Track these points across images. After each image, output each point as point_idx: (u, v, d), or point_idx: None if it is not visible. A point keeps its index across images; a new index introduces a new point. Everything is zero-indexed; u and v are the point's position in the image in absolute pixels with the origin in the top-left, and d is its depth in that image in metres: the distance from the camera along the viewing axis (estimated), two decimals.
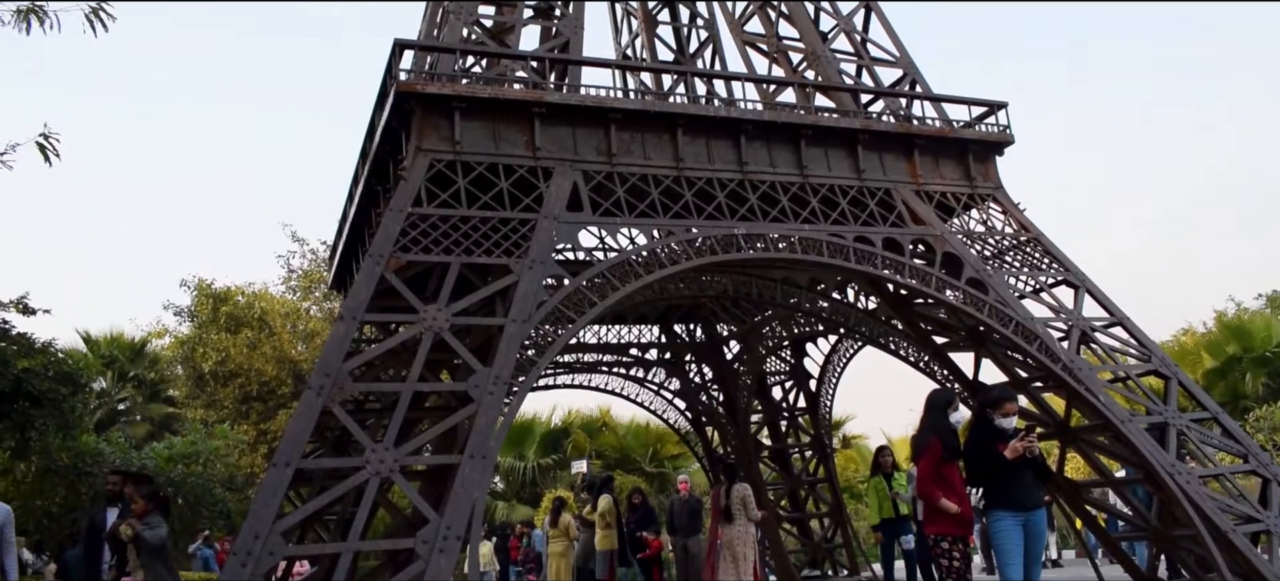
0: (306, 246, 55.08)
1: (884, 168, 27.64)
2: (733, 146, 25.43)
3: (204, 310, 51.00)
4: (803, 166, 26.01)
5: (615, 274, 22.06)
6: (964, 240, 27.45)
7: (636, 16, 40.82)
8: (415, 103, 22.70)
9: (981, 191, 29.04)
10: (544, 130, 23.56)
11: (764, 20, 32.73)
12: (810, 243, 24.40)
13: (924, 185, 27.97)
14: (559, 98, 23.77)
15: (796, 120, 26.45)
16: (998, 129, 29.70)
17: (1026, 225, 28.62)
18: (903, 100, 29.63)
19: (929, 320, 29.10)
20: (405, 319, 20.35)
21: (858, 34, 31.70)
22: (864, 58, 31.18)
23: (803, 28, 31.30)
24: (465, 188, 22.43)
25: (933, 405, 13.53)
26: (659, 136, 24.74)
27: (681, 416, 42.58)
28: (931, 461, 12.64)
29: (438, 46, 24.92)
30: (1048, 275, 27.86)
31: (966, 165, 29.06)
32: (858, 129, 27.06)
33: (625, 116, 24.32)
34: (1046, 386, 27.09)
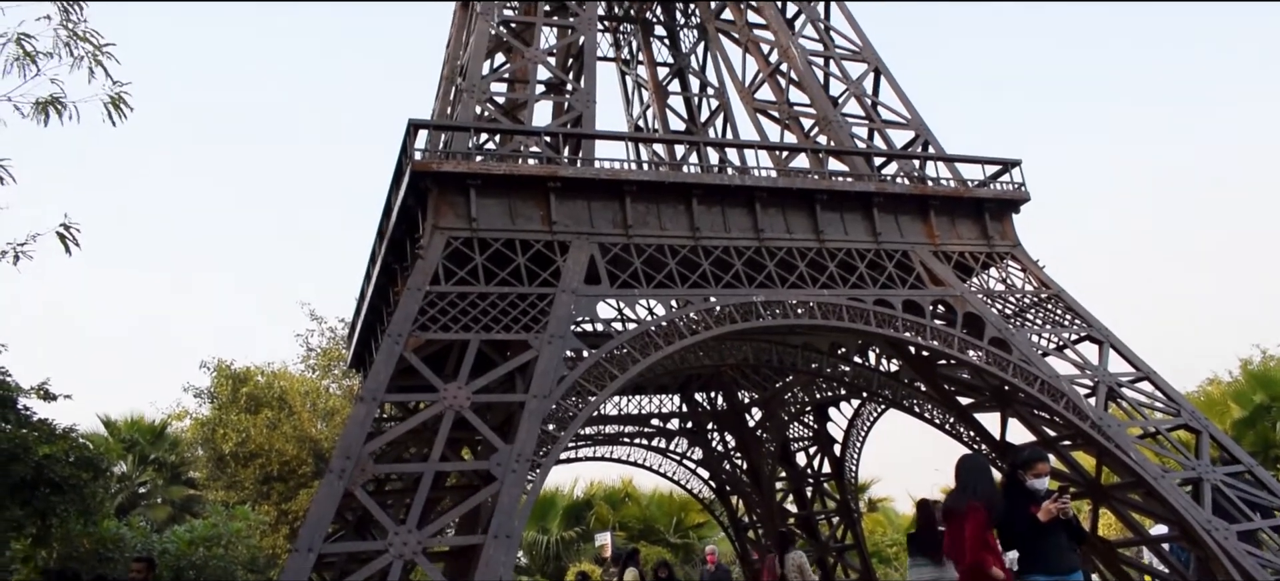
0: (325, 324, 55.20)
1: (901, 229, 27.58)
2: (748, 214, 25.45)
3: (224, 391, 51.01)
4: (819, 231, 25.98)
5: (635, 346, 21.97)
6: (985, 299, 27.28)
7: (647, 88, 41.22)
8: (431, 181, 22.84)
9: (999, 249, 28.92)
10: (560, 204, 23.65)
11: (774, 87, 32.96)
12: (829, 308, 24.29)
13: (941, 245, 27.88)
14: (573, 172, 23.90)
15: (811, 185, 26.47)
16: (1012, 187, 29.66)
17: (1047, 282, 28.44)
18: (916, 161, 29.66)
19: (953, 381, 28.84)
20: (425, 398, 20.26)
21: (868, 97, 31.86)
22: (875, 121, 31.30)
23: (813, 93, 31.47)
24: (483, 264, 22.47)
25: (973, 468, 13.20)
26: (674, 207, 24.80)
27: (705, 485, 42.17)
28: (978, 527, 12.31)
29: (452, 125, 25.17)
30: (1071, 331, 27.60)
31: (983, 224, 28.97)
32: (873, 192, 27.06)
33: (640, 188, 24.41)
34: (1076, 444, 26.72)
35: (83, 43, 11.33)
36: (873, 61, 32.38)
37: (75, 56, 11.35)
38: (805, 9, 33.58)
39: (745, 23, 34.28)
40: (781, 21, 33.11)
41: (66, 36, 11.19)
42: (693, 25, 40.77)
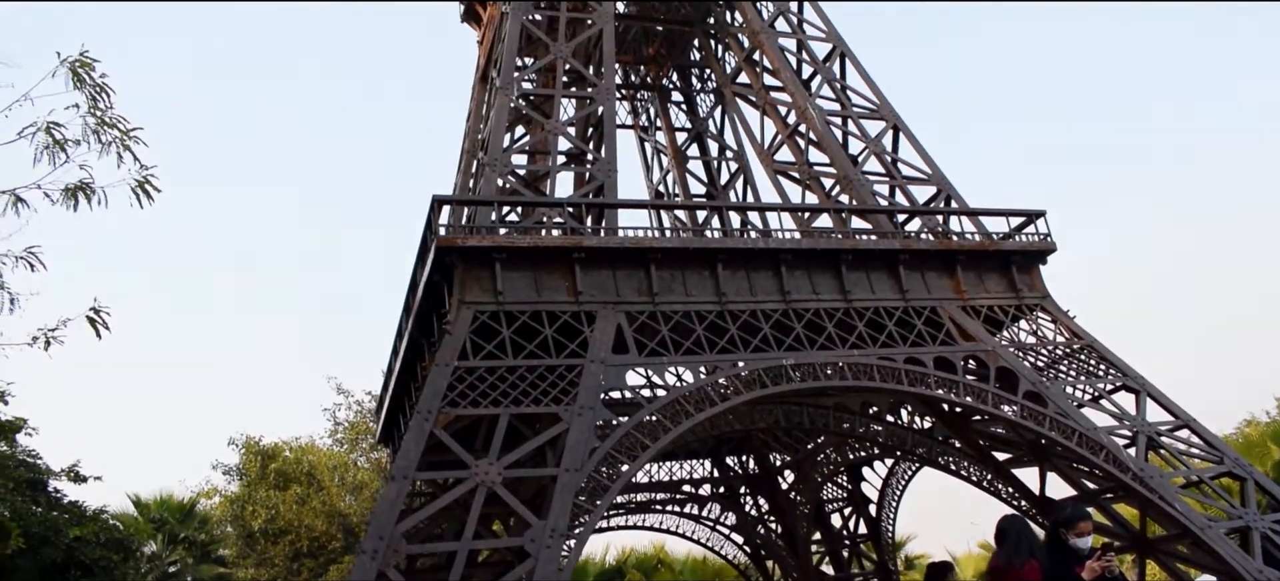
0: (351, 398, 55.23)
1: (928, 286, 27.42)
2: (774, 277, 25.38)
3: (252, 468, 50.99)
4: (846, 291, 25.86)
5: (666, 414, 21.82)
6: (1016, 353, 26.99)
7: (666, 153, 41.45)
8: (456, 256, 22.93)
9: (1028, 301, 28.68)
10: (585, 274, 23.66)
11: (794, 148, 33.04)
12: (860, 368, 24.10)
13: (970, 300, 27.67)
14: (598, 241, 23.94)
15: (836, 245, 26.40)
16: (1038, 238, 29.48)
17: (1078, 332, 28.13)
18: (940, 216, 29.57)
19: (988, 437, 28.46)
20: (457, 474, 20.13)
21: (888, 155, 31.90)
22: (896, 177, 31.29)
23: (833, 153, 31.52)
24: (510, 337, 22.45)
25: (1022, 526, 12.88)
26: (699, 272, 24.77)
27: (739, 550, 41.66)
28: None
29: (475, 200, 25.30)
30: (1106, 382, 27.24)
31: (1011, 276, 28.77)
32: (898, 249, 26.95)
33: (665, 255, 24.41)
34: (1118, 497, 26.24)
35: (110, 129, 11.47)
36: (891, 119, 32.45)
37: (103, 143, 11.48)
38: (821, 70, 33.77)
39: (762, 86, 34.49)
40: (798, 84, 33.29)
41: (95, 123, 11.34)
42: (709, 90, 41.10)
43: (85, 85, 10.91)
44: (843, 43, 34.43)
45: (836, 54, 34.31)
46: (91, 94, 11.10)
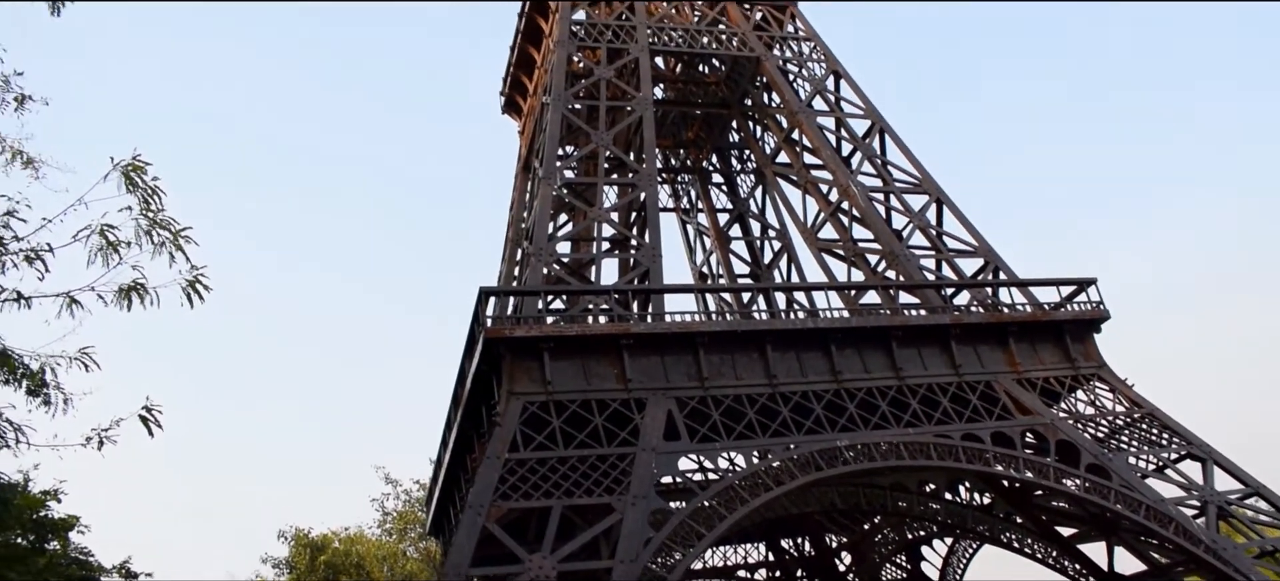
0: (400, 487, 55.10)
1: (981, 360, 27.00)
2: (824, 356, 25.11)
3: (301, 560, 50.81)
4: (898, 368, 25.51)
5: (720, 501, 21.52)
6: (1075, 424, 26.41)
7: (709, 234, 41.50)
8: (504, 347, 22.94)
9: (1085, 371, 28.15)
10: (633, 361, 23.55)
11: (837, 226, 32.93)
12: (917, 447, 23.67)
13: (1025, 373, 27.21)
14: (645, 328, 23.87)
15: (886, 322, 26.14)
16: (1090, 306, 29.03)
17: (1138, 401, 27.51)
18: (989, 289, 29.23)
19: (1051, 512, 27.75)
20: (510, 570, 19.87)
21: (932, 228, 31.69)
22: (942, 251, 31.05)
23: (877, 229, 31.37)
24: (560, 427, 22.32)
25: None
26: (749, 355, 24.57)
27: None
28: None
29: (522, 290, 25.38)
30: (1170, 451, 26.54)
31: (1065, 347, 28.28)
32: (949, 324, 26.62)
33: (713, 339, 24.27)
34: (1189, 570, 25.40)
35: (162, 230, 11.63)
36: (934, 192, 32.30)
37: (155, 243, 11.63)
38: (861, 147, 33.82)
39: (802, 165, 34.55)
40: (838, 161, 33.30)
41: (147, 225, 11.51)
42: (749, 171, 41.25)
43: (137, 188, 11.10)
44: (881, 118, 34.48)
45: (876, 130, 34.35)
46: (143, 196, 11.29)
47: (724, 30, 37.66)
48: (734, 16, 37.93)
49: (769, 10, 38.70)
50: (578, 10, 36.27)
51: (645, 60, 34.04)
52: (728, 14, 38.09)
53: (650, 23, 36.17)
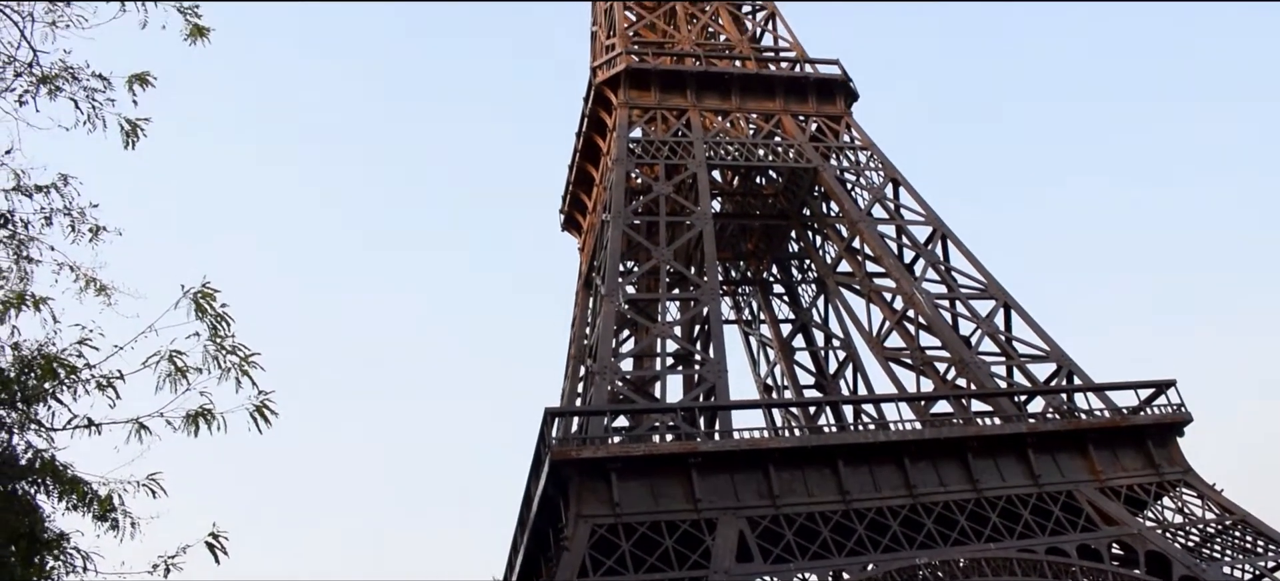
0: None
1: (1060, 468, 26.25)
2: (898, 470, 24.57)
3: None
4: (975, 480, 24.87)
5: None
6: (1164, 534, 25.43)
7: (772, 346, 41.23)
8: (571, 469, 22.77)
9: (1170, 477, 27.23)
10: (702, 480, 23.21)
11: (903, 334, 32.55)
12: (999, 563, 22.89)
13: (1107, 481, 26.38)
14: (714, 446, 23.58)
15: (960, 433, 25.57)
16: (1172, 409, 28.22)
17: (1229, 507, 26.48)
18: (1065, 394, 28.57)
19: None
20: None
21: (1001, 334, 31.17)
22: (1013, 357, 30.47)
23: (944, 336, 30.93)
24: (629, 551, 21.95)
25: None
26: (820, 471, 24.12)
27: None
28: None
29: (588, 410, 25.29)
30: (1268, 558, 25.41)
31: (1147, 452, 27.44)
32: (1025, 433, 26.00)
33: (783, 455, 23.90)
34: None
35: (230, 356, 11.79)
36: (1001, 297, 31.86)
37: (223, 368, 11.79)
38: (923, 253, 33.58)
39: (865, 274, 34.35)
40: (901, 268, 33.07)
41: (215, 351, 11.67)
42: (811, 280, 41.10)
43: (206, 315, 11.30)
44: (942, 224, 34.29)
45: (938, 236, 34.14)
46: (212, 323, 11.47)
47: (780, 142, 37.95)
48: (789, 128, 38.22)
49: (824, 121, 38.98)
50: (634, 128, 36.84)
51: (703, 175, 34.36)
52: (783, 126, 38.41)
53: (707, 137, 36.59)
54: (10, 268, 11.17)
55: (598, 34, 44.74)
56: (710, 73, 39.24)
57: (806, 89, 39.84)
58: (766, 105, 39.04)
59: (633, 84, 37.87)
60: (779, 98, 39.22)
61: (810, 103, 39.53)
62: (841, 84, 39.89)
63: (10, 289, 11.12)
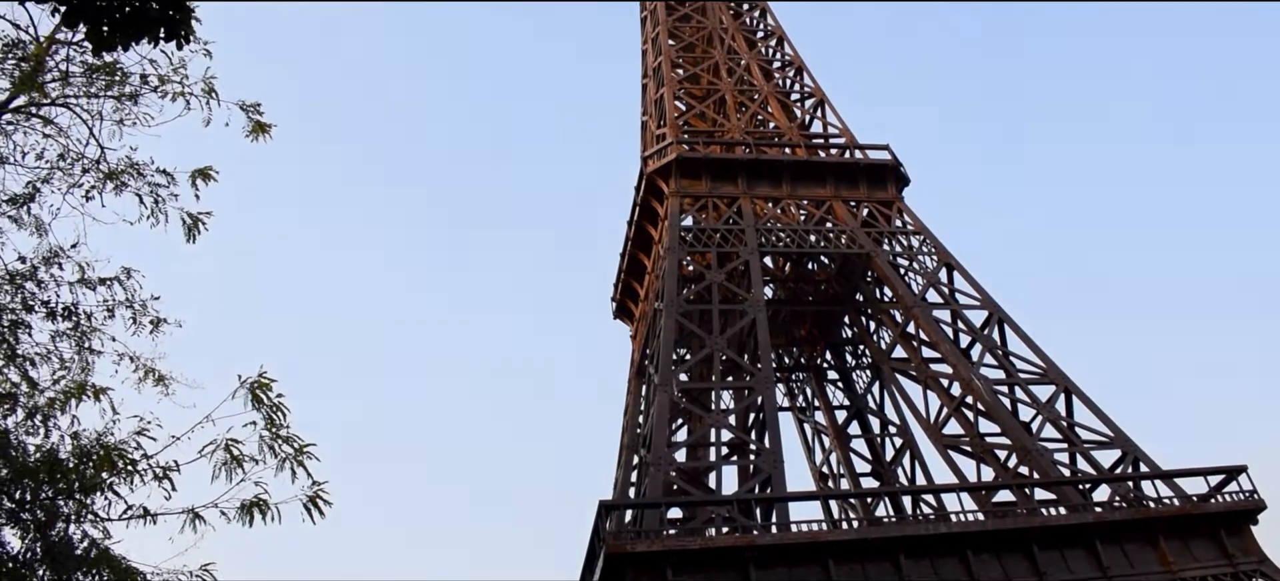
0: None
1: (1130, 560, 25.33)
2: (960, 563, 23.86)
3: None
4: (1041, 573, 24.06)
5: None
6: None
7: (827, 434, 40.63)
8: (626, 563, 22.39)
9: (1244, 568, 26.13)
10: (760, 574, 22.70)
11: (962, 421, 31.92)
12: None
13: (1179, 572, 25.38)
14: (771, 538, 23.11)
15: (1025, 524, 24.83)
16: (1244, 495, 27.23)
17: None
18: (1131, 481, 27.71)
19: None
20: None
21: (1063, 420, 30.44)
22: (1076, 443, 29.69)
23: (1004, 423, 30.26)
24: None
25: None
26: (880, 564, 23.50)
27: None
28: None
29: (642, 503, 24.97)
30: None
31: (1220, 541, 26.40)
32: (1092, 523, 25.17)
33: (843, 548, 23.34)
34: None
35: (285, 446, 11.81)
36: (1062, 382, 31.18)
37: (278, 458, 11.81)
38: (980, 338, 33.06)
39: (921, 359, 33.87)
40: (958, 354, 32.56)
41: (270, 440, 11.70)
42: (865, 366, 40.61)
43: (263, 405, 11.35)
44: (999, 308, 33.80)
45: (994, 320, 33.65)
46: (268, 413, 11.52)
47: (832, 228, 37.87)
48: (841, 213, 38.15)
49: (876, 206, 38.88)
50: (686, 216, 37.00)
51: (755, 262, 34.30)
52: (834, 211, 38.36)
53: (758, 225, 36.61)
54: (72, 358, 11.38)
55: (648, 123, 45.27)
56: (761, 160, 39.42)
57: (857, 175, 39.85)
58: (818, 191, 39.07)
59: (684, 173, 38.15)
60: (830, 184, 39.25)
61: (861, 188, 39.50)
62: (892, 169, 39.87)
63: (72, 379, 11.30)
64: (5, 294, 10.82)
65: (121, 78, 11.60)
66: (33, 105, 11.19)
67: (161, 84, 11.78)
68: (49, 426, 11.05)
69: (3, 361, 10.74)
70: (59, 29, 10.92)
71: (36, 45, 11.04)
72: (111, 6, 7.04)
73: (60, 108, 11.36)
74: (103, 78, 11.46)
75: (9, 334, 10.68)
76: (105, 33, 7.02)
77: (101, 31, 7.00)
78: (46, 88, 11.14)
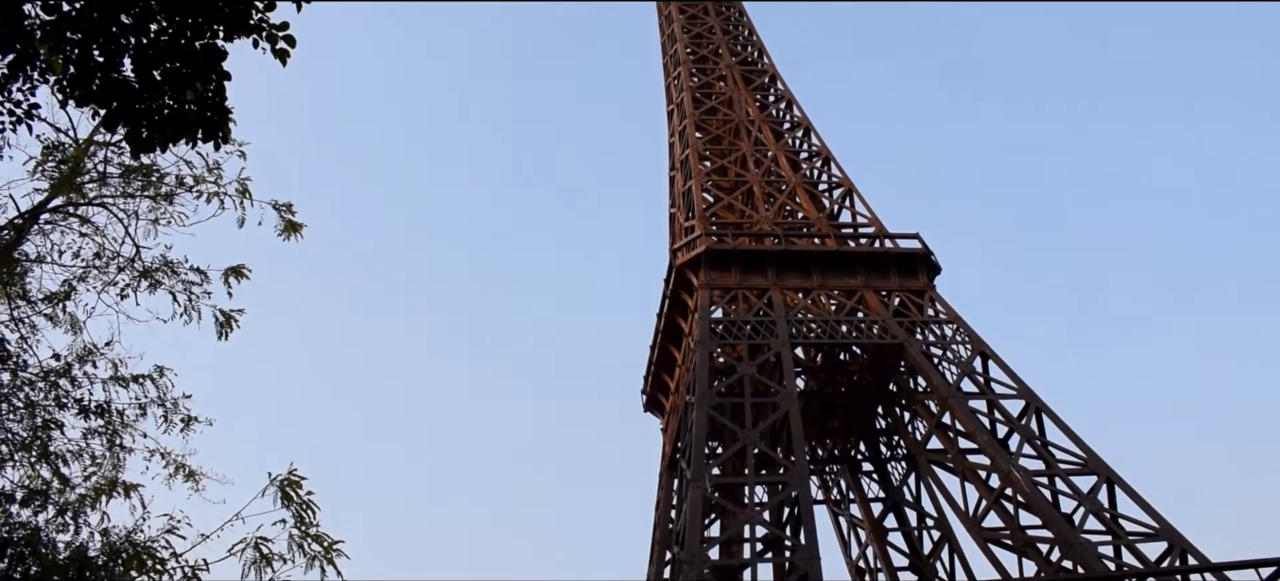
0: None
1: None
2: None
3: None
4: None
5: None
6: None
7: (863, 526, 39.87)
8: None
9: None
10: None
11: (1001, 513, 31.22)
12: None
13: None
14: None
15: None
16: None
17: None
18: (1178, 575, 26.89)
19: None
20: None
21: (1106, 511, 29.70)
22: (1121, 536, 28.91)
23: (1046, 515, 29.55)
24: None
25: None
26: None
27: None
28: None
29: None
30: None
31: None
32: None
33: None
34: None
35: (315, 543, 11.69)
36: (1104, 472, 30.50)
37: (308, 556, 11.69)
38: (1018, 428, 32.52)
39: (958, 451, 33.32)
40: (995, 445, 32.00)
41: (300, 537, 11.60)
42: (901, 457, 39.98)
43: (293, 503, 11.29)
44: (1036, 397, 33.27)
45: (1032, 409, 33.10)
46: (298, 511, 11.45)
47: (863, 318, 37.65)
48: (872, 303, 37.97)
49: (907, 295, 38.67)
50: (716, 308, 36.93)
51: (787, 354, 34.07)
52: (866, 301, 38.18)
53: (789, 316, 36.46)
54: (104, 455, 11.39)
55: (675, 215, 45.51)
56: (790, 251, 39.44)
57: (888, 264, 39.75)
58: (848, 282, 38.96)
59: (713, 265, 38.20)
60: (860, 274, 39.14)
61: (892, 277, 39.36)
62: (923, 257, 39.73)
63: (102, 475, 11.29)
64: (39, 391, 10.88)
65: (158, 178, 11.79)
66: (71, 205, 11.38)
67: (197, 184, 11.96)
68: (79, 523, 11.02)
69: (35, 458, 10.77)
70: (98, 131, 11.15)
71: (76, 147, 11.27)
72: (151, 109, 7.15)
73: (97, 207, 11.54)
74: (139, 178, 11.66)
75: (42, 431, 10.72)
76: (144, 135, 7.11)
77: (140, 133, 7.10)
78: (84, 188, 11.33)
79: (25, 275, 11.14)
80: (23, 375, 10.81)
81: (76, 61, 6.67)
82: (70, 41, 6.58)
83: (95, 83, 6.80)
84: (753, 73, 51.99)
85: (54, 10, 6.40)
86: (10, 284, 10.89)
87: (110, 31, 6.64)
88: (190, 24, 6.79)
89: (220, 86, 7.03)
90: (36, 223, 11.08)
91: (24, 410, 10.69)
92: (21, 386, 10.76)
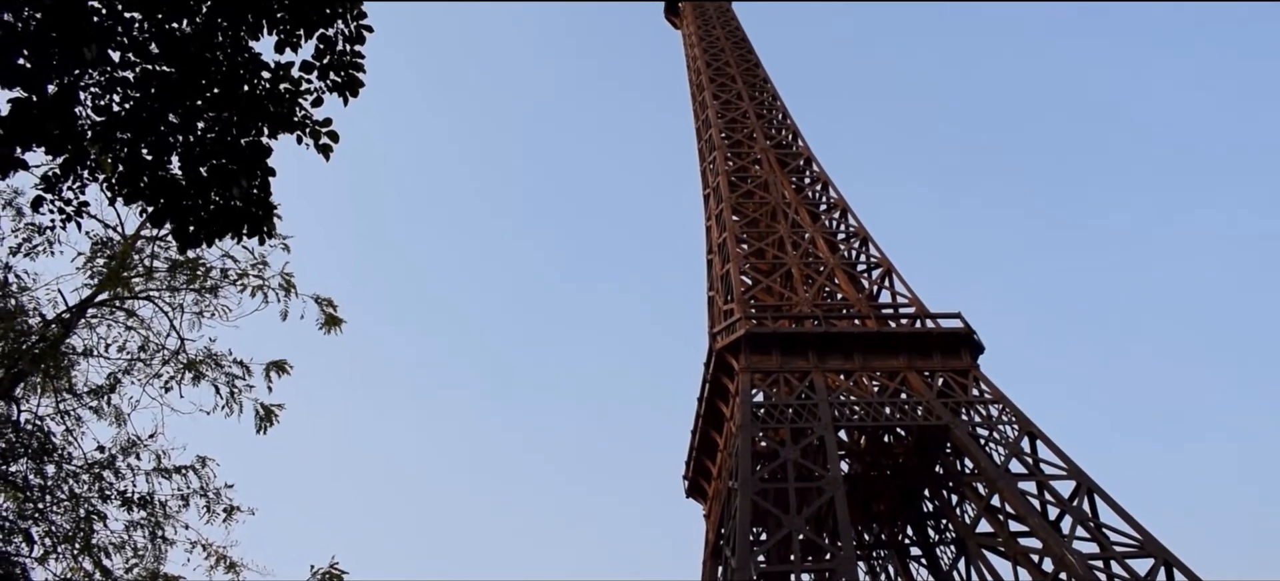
0: None
1: None
2: None
3: None
4: None
5: None
6: None
7: None
8: None
9: None
10: None
11: None
12: None
13: None
14: None
15: None
16: None
17: None
18: None
19: None
20: None
21: None
22: None
23: None
24: None
25: None
26: None
27: None
28: None
29: None
30: None
31: None
32: None
33: None
34: None
35: None
36: (1161, 555, 29.59)
37: None
38: (1069, 510, 31.74)
39: (1009, 534, 32.54)
40: (1047, 527, 31.21)
41: None
42: (949, 541, 39.08)
43: None
44: (1087, 478, 32.45)
45: (1083, 490, 32.33)
46: None
47: (907, 400, 37.12)
48: (916, 385, 37.44)
49: (951, 375, 38.12)
50: (757, 392, 36.59)
51: (830, 437, 33.61)
52: (909, 383, 37.68)
53: (831, 398, 36.03)
54: (145, 547, 11.39)
55: (714, 299, 45.41)
56: (831, 334, 39.13)
57: (930, 344, 39.31)
58: (890, 363, 38.51)
59: (754, 348, 37.98)
60: (903, 355, 38.71)
61: (935, 358, 38.89)
62: (965, 337, 39.27)
63: (144, 568, 11.29)
64: (83, 484, 10.94)
65: (204, 272, 11.94)
66: (117, 299, 11.54)
67: (241, 278, 12.09)
68: None
69: (78, 551, 10.78)
70: (144, 226, 11.33)
71: (123, 243, 11.45)
72: (197, 205, 7.23)
73: (143, 301, 11.69)
74: (185, 272, 11.81)
75: (85, 524, 10.75)
76: (191, 230, 7.19)
77: (187, 229, 7.18)
78: (131, 282, 11.50)
79: (71, 368, 11.27)
80: (67, 468, 10.88)
81: (125, 160, 6.77)
82: (120, 141, 6.68)
83: (143, 180, 6.89)
84: (788, 156, 52.18)
85: (104, 111, 6.51)
86: (57, 377, 11.01)
87: (159, 130, 6.74)
88: (236, 122, 6.88)
89: (265, 182, 7.10)
90: (83, 316, 11.24)
91: (68, 502, 10.74)
92: (66, 479, 10.82)
